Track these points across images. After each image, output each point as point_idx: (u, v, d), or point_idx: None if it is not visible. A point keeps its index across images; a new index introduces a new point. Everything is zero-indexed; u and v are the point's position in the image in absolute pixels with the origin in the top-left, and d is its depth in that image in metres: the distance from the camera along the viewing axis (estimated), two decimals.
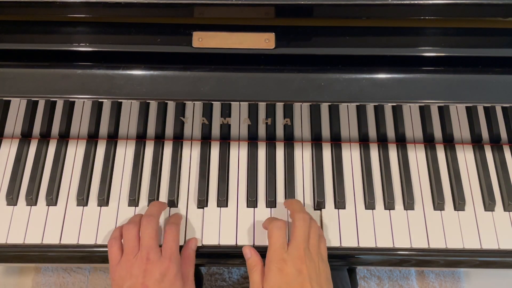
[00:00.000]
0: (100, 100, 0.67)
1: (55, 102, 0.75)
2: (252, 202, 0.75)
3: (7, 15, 0.66)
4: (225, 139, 0.80)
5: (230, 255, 0.74)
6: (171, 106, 0.76)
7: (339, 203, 0.75)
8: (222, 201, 0.75)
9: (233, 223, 0.73)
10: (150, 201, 0.74)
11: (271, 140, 0.80)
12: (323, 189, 0.76)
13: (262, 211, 0.74)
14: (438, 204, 0.74)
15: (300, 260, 0.61)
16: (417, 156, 0.79)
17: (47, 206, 0.75)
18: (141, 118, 0.77)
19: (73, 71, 0.64)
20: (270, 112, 0.75)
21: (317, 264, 0.63)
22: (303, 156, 0.79)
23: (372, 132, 0.78)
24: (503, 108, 0.74)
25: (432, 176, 0.77)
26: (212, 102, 0.72)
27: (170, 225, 0.69)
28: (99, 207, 0.75)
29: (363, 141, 0.80)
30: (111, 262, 0.66)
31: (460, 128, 0.78)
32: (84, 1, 0.61)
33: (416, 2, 0.61)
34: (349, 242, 0.72)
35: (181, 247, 0.70)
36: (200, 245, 0.72)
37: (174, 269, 0.64)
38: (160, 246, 0.66)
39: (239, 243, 0.72)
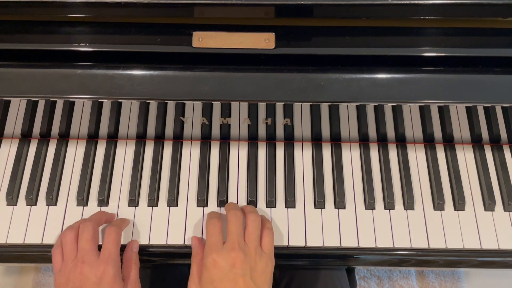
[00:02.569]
0: (100, 100, 0.67)
1: (55, 102, 0.75)
2: (252, 202, 0.75)
3: (7, 15, 0.66)
4: (225, 139, 0.80)
5: None
6: (171, 106, 0.76)
7: (339, 203, 0.75)
8: (222, 201, 0.75)
9: None
10: (150, 201, 0.75)
11: (271, 140, 0.80)
12: (323, 189, 0.76)
13: (262, 211, 0.74)
14: (438, 204, 0.74)
15: (234, 254, 0.62)
16: (417, 156, 0.79)
17: (47, 206, 0.75)
18: (141, 118, 0.77)
19: (73, 71, 0.64)
20: (270, 112, 0.75)
21: (253, 257, 0.63)
22: (303, 156, 0.79)
23: (372, 132, 0.78)
24: (503, 108, 0.74)
25: (432, 176, 0.77)
26: (212, 102, 0.72)
27: (110, 227, 0.67)
28: (99, 207, 0.75)
29: (363, 141, 0.80)
30: (54, 270, 0.65)
31: (460, 128, 0.78)
32: (84, 1, 0.61)
33: (416, 2, 0.61)
34: (349, 242, 0.72)
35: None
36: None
37: (111, 271, 0.62)
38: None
39: None
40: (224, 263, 0.61)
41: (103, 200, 0.74)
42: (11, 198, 0.74)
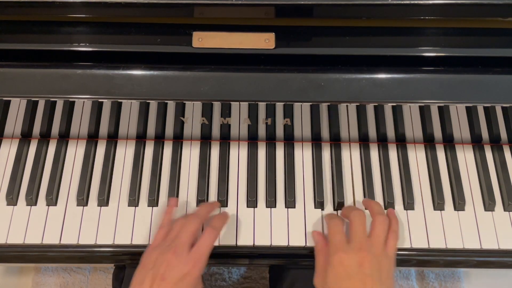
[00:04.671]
0: (100, 100, 0.67)
1: (55, 102, 0.75)
2: (252, 202, 0.75)
3: (7, 15, 0.66)
4: (225, 139, 0.80)
5: (230, 255, 0.74)
6: (171, 106, 0.76)
7: (339, 204, 0.75)
8: (222, 201, 0.75)
9: (233, 223, 0.73)
10: (150, 201, 0.75)
11: (271, 140, 0.80)
12: (323, 189, 0.76)
13: (262, 211, 0.74)
14: (438, 204, 0.74)
15: (361, 254, 0.61)
16: (417, 156, 0.79)
17: (47, 206, 0.75)
18: (141, 118, 0.77)
19: (73, 71, 0.64)
20: (270, 112, 0.75)
21: (380, 259, 0.62)
22: (303, 156, 0.79)
23: (372, 132, 0.78)
24: (503, 108, 0.74)
25: (432, 176, 0.77)
26: (212, 102, 0.72)
27: (211, 230, 0.65)
28: (99, 207, 0.75)
29: (363, 141, 0.80)
30: (152, 243, 0.65)
31: (460, 128, 0.78)
32: (84, 1, 0.61)
33: (416, 2, 0.61)
34: None
35: None
36: None
37: (197, 273, 0.61)
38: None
39: (239, 243, 0.72)
40: (352, 262, 0.61)
41: (103, 200, 0.74)
42: (11, 198, 0.74)
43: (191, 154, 0.79)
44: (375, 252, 0.63)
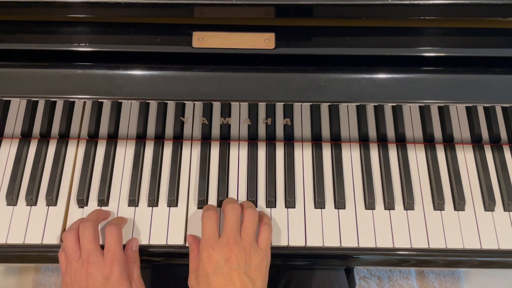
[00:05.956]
0: (100, 100, 0.67)
1: (55, 102, 0.75)
2: (252, 202, 0.74)
3: (7, 15, 0.66)
4: (225, 139, 0.80)
5: None
6: (171, 106, 0.76)
7: (339, 203, 0.75)
8: (222, 201, 0.75)
9: None
10: (150, 201, 0.75)
11: (271, 140, 0.80)
12: (323, 189, 0.76)
13: (262, 210, 0.74)
14: (438, 204, 0.74)
15: (229, 248, 0.62)
16: (417, 156, 0.79)
17: (47, 206, 0.75)
18: (141, 118, 0.77)
19: (73, 71, 0.64)
20: (270, 112, 0.75)
21: (249, 252, 0.63)
22: (303, 156, 0.79)
23: (372, 132, 0.78)
24: (503, 108, 0.74)
25: (432, 176, 0.77)
26: (212, 102, 0.72)
27: (110, 226, 0.67)
28: (99, 207, 0.75)
29: (363, 141, 0.80)
30: (61, 271, 0.66)
31: (460, 128, 0.78)
32: (84, 1, 0.61)
33: (416, 2, 0.61)
34: (349, 242, 0.72)
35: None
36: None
37: (117, 270, 0.63)
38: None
39: None
40: (219, 257, 0.62)
41: (103, 200, 0.74)
42: (11, 198, 0.74)
43: (191, 154, 0.79)
44: (244, 245, 0.63)
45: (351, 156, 0.79)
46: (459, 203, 0.74)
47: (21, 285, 1.32)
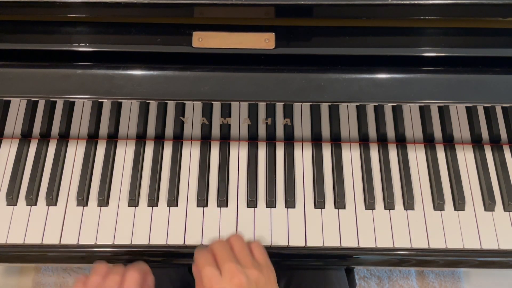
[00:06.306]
0: (100, 100, 0.67)
1: (55, 102, 0.75)
2: (252, 202, 0.75)
3: (7, 15, 0.66)
4: (225, 139, 0.80)
5: None
6: (171, 106, 0.76)
7: (339, 203, 0.75)
8: (222, 201, 0.75)
9: (233, 223, 0.73)
10: (150, 201, 0.74)
11: (271, 140, 0.80)
12: (323, 189, 0.76)
13: (262, 211, 0.74)
14: (438, 204, 0.74)
15: (237, 279, 0.59)
16: (417, 156, 0.79)
17: (47, 206, 0.75)
18: (141, 118, 0.77)
19: (73, 71, 0.64)
20: (270, 112, 0.75)
21: (255, 274, 0.60)
22: (303, 156, 0.79)
23: (372, 132, 0.78)
24: (503, 108, 0.74)
25: (432, 176, 0.77)
26: (212, 102, 0.72)
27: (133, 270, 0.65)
28: (99, 207, 0.75)
29: (363, 141, 0.80)
30: None
31: (460, 128, 0.78)
32: (84, 1, 0.61)
33: (416, 2, 0.61)
34: (349, 242, 0.72)
35: None
36: (200, 244, 0.72)
37: None
38: None
39: None
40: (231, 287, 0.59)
41: (103, 200, 0.74)
42: (11, 198, 0.74)
43: (191, 154, 0.79)
44: (247, 270, 0.60)
45: (351, 156, 0.79)
46: (459, 203, 0.74)
47: (21, 285, 1.32)
